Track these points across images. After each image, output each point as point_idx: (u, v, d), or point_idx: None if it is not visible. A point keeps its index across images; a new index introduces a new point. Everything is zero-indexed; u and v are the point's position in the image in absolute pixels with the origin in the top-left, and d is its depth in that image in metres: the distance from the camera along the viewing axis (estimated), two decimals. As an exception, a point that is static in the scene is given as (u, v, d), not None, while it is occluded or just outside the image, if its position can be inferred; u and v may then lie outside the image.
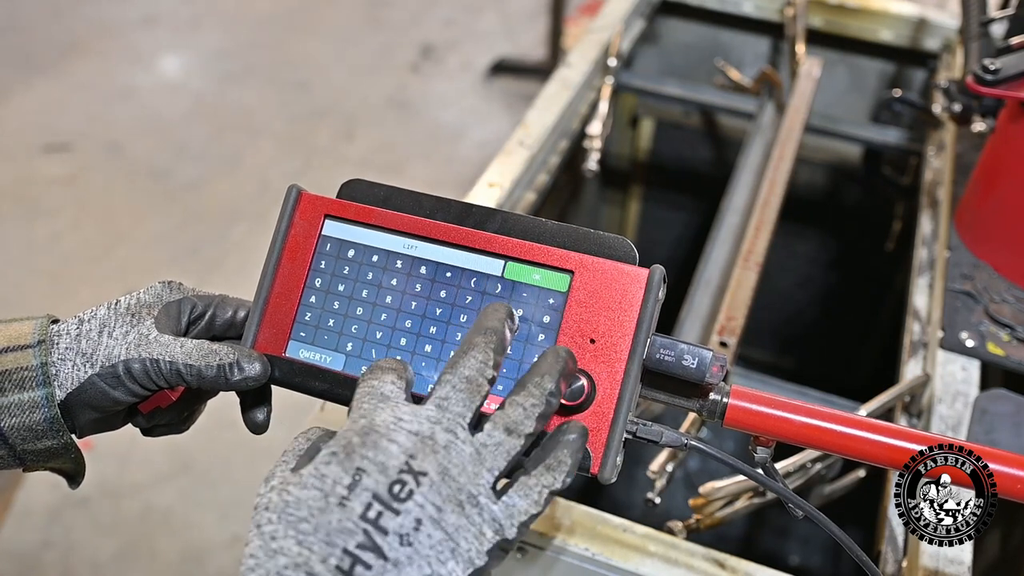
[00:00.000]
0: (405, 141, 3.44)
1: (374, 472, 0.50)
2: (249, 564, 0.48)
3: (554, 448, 0.55)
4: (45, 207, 3.04)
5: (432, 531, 0.49)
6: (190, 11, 4.05)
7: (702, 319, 1.26)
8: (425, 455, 0.51)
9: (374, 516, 0.48)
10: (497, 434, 0.53)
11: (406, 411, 0.53)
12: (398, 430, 0.51)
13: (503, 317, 0.56)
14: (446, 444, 0.51)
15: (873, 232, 1.85)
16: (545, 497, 0.53)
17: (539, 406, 0.53)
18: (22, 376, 0.62)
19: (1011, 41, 1.14)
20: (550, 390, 0.54)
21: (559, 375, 0.55)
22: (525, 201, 1.36)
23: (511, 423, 0.53)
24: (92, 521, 2.15)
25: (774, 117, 1.64)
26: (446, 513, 0.50)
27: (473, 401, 0.53)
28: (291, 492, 0.50)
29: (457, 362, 0.54)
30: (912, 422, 1.06)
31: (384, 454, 0.50)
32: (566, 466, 0.54)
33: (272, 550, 0.48)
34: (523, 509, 0.52)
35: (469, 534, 0.50)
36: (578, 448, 0.55)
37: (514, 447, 0.53)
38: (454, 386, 0.53)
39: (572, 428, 0.56)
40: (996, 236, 1.17)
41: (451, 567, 0.49)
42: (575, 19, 3.58)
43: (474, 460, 0.52)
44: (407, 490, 0.49)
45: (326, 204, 0.67)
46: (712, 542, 0.91)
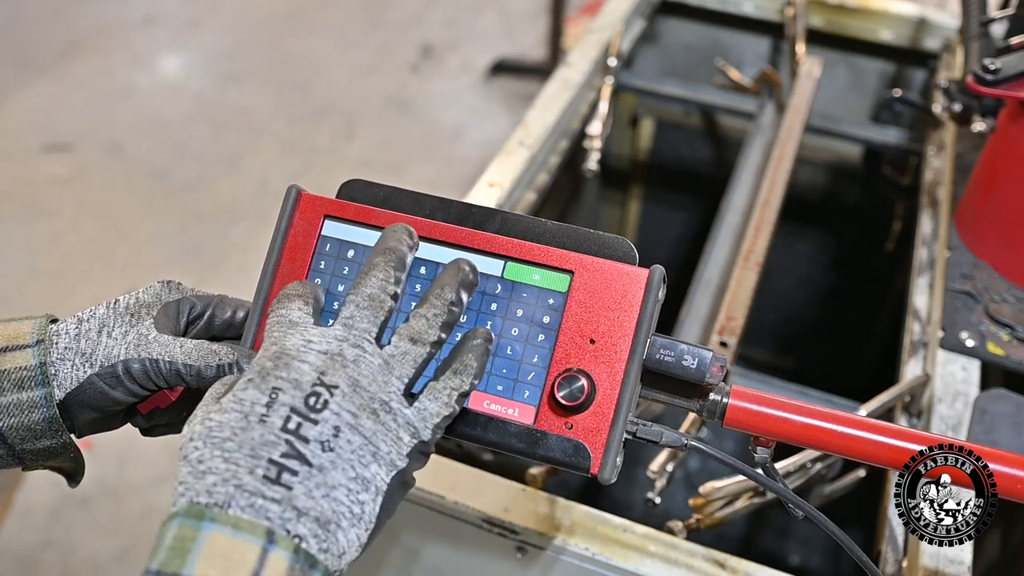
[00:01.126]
0: (405, 141, 3.44)
1: (289, 389, 0.52)
2: (179, 491, 0.50)
3: (460, 353, 0.57)
4: (45, 207, 3.03)
5: (351, 436, 0.52)
6: (190, 11, 4.05)
7: (702, 319, 1.26)
8: (335, 370, 0.53)
9: (294, 427, 0.51)
10: (403, 344, 0.56)
11: (315, 333, 0.55)
12: (308, 351, 0.54)
13: (402, 236, 0.59)
14: (355, 358, 0.54)
15: (873, 232, 1.85)
16: (455, 399, 0.56)
17: (441, 315, 0.56)
18: (21, 376, 0.62)
19: (1011, 41, 1.14)
20: (451, 300, 0.57)
21: (459, 285, 0.57)
22: (525, 201, 1.36)
23: (415, 333, 0.56)
24: (92, 521, 2.15)
25: (774, 117, 1.64)
26: (362, 419, 0.52)
27: (377, 317, 0.56)
28: (213, 418, 0.52)
29: (360, 283, 0.57)
30: (912, 422, 1.05)
31: (296, 372, 0.53)
32: (472, 369, 0.56)
33: (200, 472, 0.50)
34: (435, 411, 0.55)
35: (387, 438, 0.53)
36: (483, 352, 0.57)
37: (420, 355, 0.56)
38: (358, 305, 0.56)
39: (476, 334, 0.58)
40: (996, 236, 1.17)
41: (374, 470, 0.52)
42: (575, 19, 3.58)
43: (383, 370, 0.55)
44: (322, 400, 0.52)
45: (326, 204, 0.67)
46: (712, 542, 0.91)
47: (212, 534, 0.47)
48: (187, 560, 0.46)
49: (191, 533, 0.47)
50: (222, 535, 0.47)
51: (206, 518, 0.47)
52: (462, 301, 0.58)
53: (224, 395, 0.54)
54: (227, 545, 0.47)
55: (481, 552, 0.93)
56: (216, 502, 0.48)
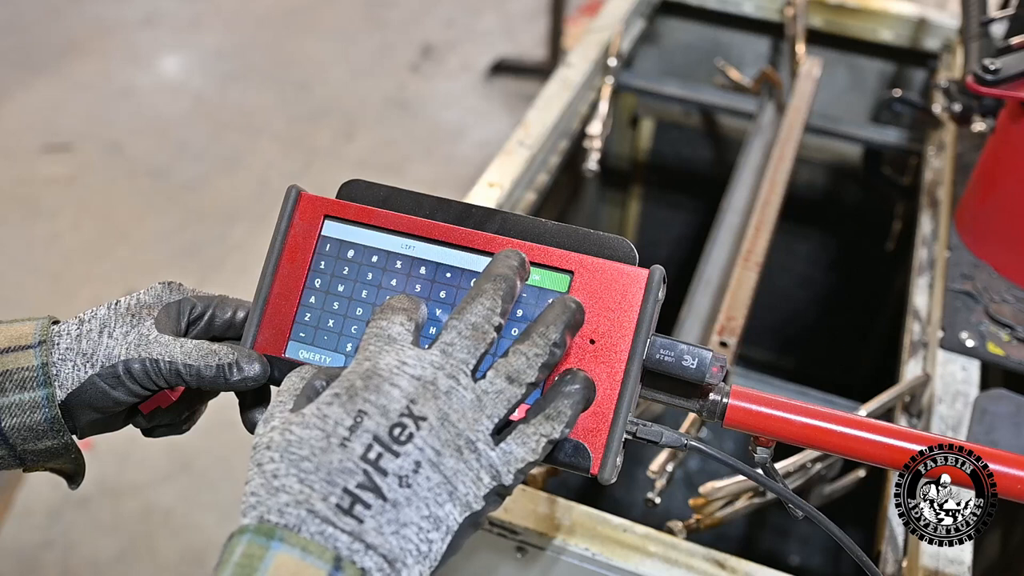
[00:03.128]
0: (405, 141, 3.44)
1: (375, 415, 0.50)
2: (251, 502, 0.49)
3: (555, 398, 0.55)
4: (45, 207, 3.04)
5: (430, 474, 0.50)
6: (190, 11, 4.05)
7: (702, 319, 1.26)
8: (426, 400, 0.51)
9: (374, 457, 0.49)
10: (499, 382, 0.53)
11: (411, 355, 0.53)
12: (401, 374, 0.52)
13: (514, 264, 0.56)
14: (447, 390, 0.52)
15: (873, 232, 1.85)
16: (543, 446, 0.53)
17: (542, 356, 0.54)
18: (23, 376, 0.62)
19: (1011, 41, 1.14)
20: (555, 340, 0.54)
21: (565, 325, 0.55)
22: (525, 201, 1.36)
23: (513, 371, 0.53)
24: (92, 521, 2.15)
25: (774, 117, 1.64)
26: (444, 457, 0.50)
27: (478, 348, 0.53)
28: (293, 432, 0.50)
29: (464, 308, 0.54)
30: (912, 422, 1.06)
31: (386, 397, 0.51)
32: (565, 417, 0.54)
33: (274, 488, 0.49)
34: (520, 456, 0.53)
35: (467, 478, 0.51)
36: (579, 400, 0.55)
37: (515, 396, 0.53)
38: (459, 332, 0.54)
39: (575, 379, 0.55)
40: (996, 236, 1.17)
41: (448, 509, 0.50)
42: (575, 19, 3.58)
43: (474, 407, 0.52)
44: (407, 433, 0.50)
45: (326, 204, 0.67)
46: (712, 542, 0.91)
47: (280, 555, 0.46)
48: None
49: (260, 551, 0.46)
50: (290, 556, 0.46)
51: (276, 537, 0.47)
52: (566, 343, 0.55)
53: (303, 400, 0.53)
54: (295, 567, 0.46)
55: (481, 552, 0.93)
56: (287, 523, 0.47)
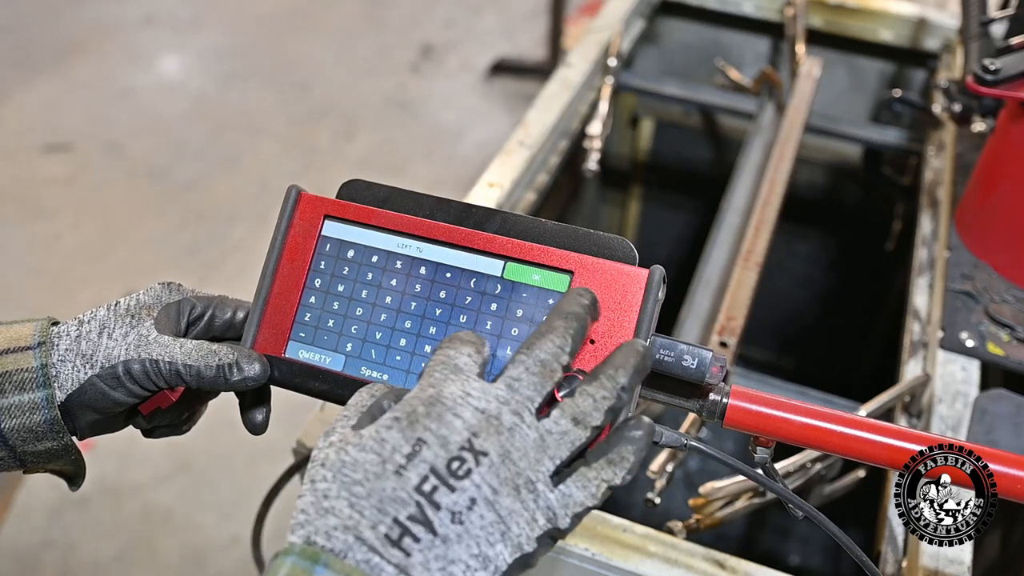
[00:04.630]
0: (405, 141, 3.44)
1: (435, 445, 0.49)
2: (299, 519, 0.48)
3: (618, 443, 0.53)
4: (45, 207, 3.04)
5: (485, 512, 0.49)
6: (190, 11, 4.05)
7: (702, 319, 1.26)
8: (488, 435, 0.50)
9: (429, 490, 0.48)
10: (564, 423, 0.52)
11: (476, 387, 0.52)
12: (465, 405, 0.51)
13: (586, 304, 0.56)
14: (511, 426, 0.51)
15: (873, 232, 1.85)
16: (603, 491, 0.52)
17: (610, 399, 0.52)
18: (22, 378, 0.62)
19: (1011, 41, 1.14)
20: (623, 385, 0.53)
21: (634, 370, 0.54)
22: (525, 201, 1.36)
23: (579, 413, 0.52)
24: (92, 521, 2.15)
25: (774, 117, 1.64)
26: (501, 496, 0.49)
27: (544, 386, 0.52)
28: (349, 452, 0.50)
29: (534, 343, 0.53)
30: (912, 422, 1.05)
31: (447, 428, 0.50)
32: (628, 463, 0.52)
33: (324, 508, 0.48)
34: (579, 501, 0.51)
35: (522, 519, 0.49)
36: (643, 447, 0.53)
37: (579, 438, 0.52)
38: (527, 368, 0.53)
39: (640, 425, 0.54)
40: (996, 236, 1.17)
41: (499, 549, 0.49)
42: (575, 19, 3.58)
43: (537, 446, 0.51)
44: (465, 468, 0.49)
45: (326, 204, 0.67)
46: (712, 542, 0.91)
47: None
48: None
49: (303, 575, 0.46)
50: None
51: (320, 562, 0.46)
52: (634, 388, 0.54)
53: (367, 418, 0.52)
54: None
55: (481, 552, 0.93)
56: (333, 548, 0.47)
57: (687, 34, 1.96)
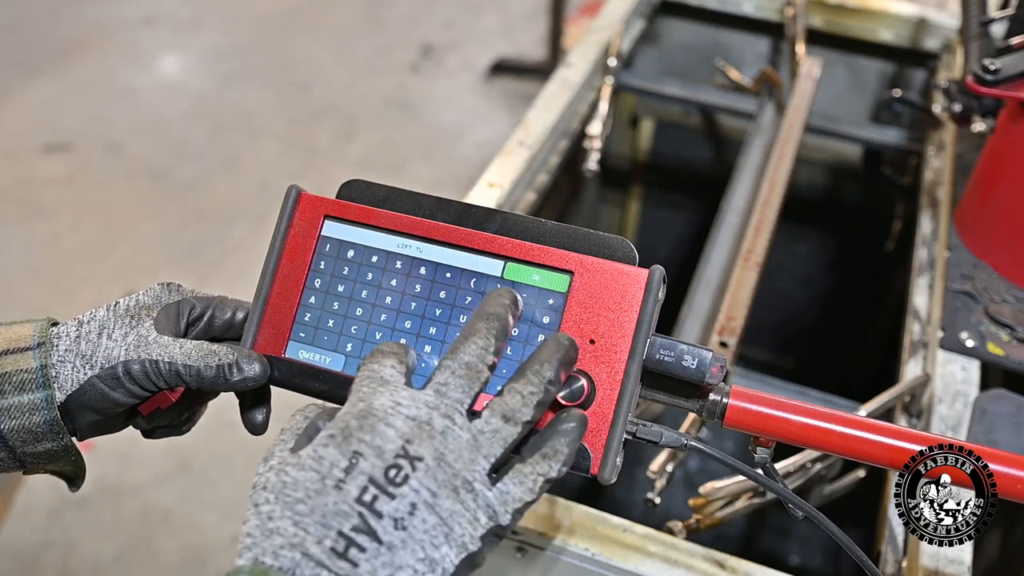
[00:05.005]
0: (405, 141, 3.44)
1: (371, 456, 0.50)
2: (246, 543, 0.49)
3: (551, 437, 0.55)
4: (45, 207, 3.04)
5: (427, 516, 0.49)
6: (190, 11, 4.05)
7: (702, 319, 1.26)
8: (422, 440, 0.51)
9: (369, 500, 0.49)
10: (494, 421, 0.53)
11: (404, 396, 0.53)
12: (396, 415, 0.52)
13: (506, 303, 0.56)
14: (443, 430, 0.52)
15: (873, 232, 1.85)
16: (540, 485, 0.53)
17: (537, 394, 0.54)
18: (22, 378, 0.62)
19: (1011, 41, 1.14)
20: (549, 378, 0.54)
21: (559, 363, 0.55)
22: (525, 201, 1.36)
23: (509, 411, 0.53)
24: (92, 521, 2.15)
25: (774, 117, 1.64)
26: (441, 498, 0.50)
27: (472, 387, 0.53)
28: (289, 473, 0.50)
29: (458, 348, 0.54)
30: (912, 422, 1.05)
31: (381, 438, 0.51)
32: (562, 456, 0.54)
33: (268, 530, 0.48)
34: (517, 496, 0.52)
35: (463, 519, 0.51)
36: (575, 438, 0.55)
37: (511, 435, 0.53)
38: (453, 372, 0.53)
39: (571, 417, 0.56)
40: (996, 236, 1.17)
41: (444, 551, 0.50)
42: (575, 19, 3.58)
43: (470, 447, 0.52)
44: (403, 475, 0.50)
45: (325, 204, 0.67)
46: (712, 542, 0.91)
47: None
48: None
49: None
50: None
51: None
52: (560, 380, 0.55)
53: (304, 440, 0.52)
54: None
55: (481, 552, 0.93)
56: (281, 566, 0.47)
57: (687, 34, 1.96)
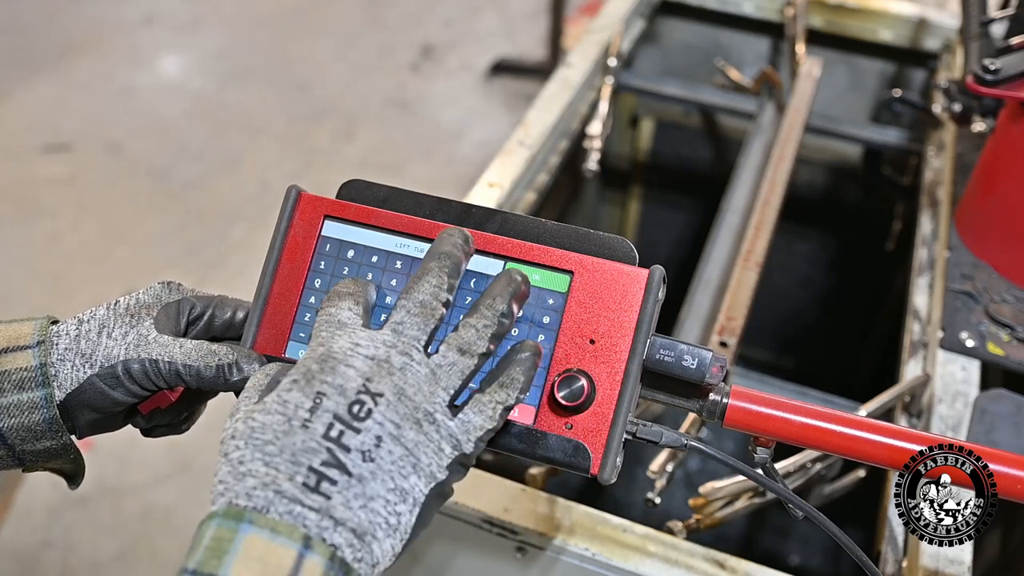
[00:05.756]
0: (405, 141, 3.44)
1: (333, 395, 0.52)
2: (219, 490, 0.50)
3: (508, 367, 0.57)
4: (45, 207, 3.03)
5: (392, 447, 0.51)
6: (190, 11, 4.05)
7: (702, 319, 1.26)
8: (381, 377, 0.53)
9: (336, 435, 0.50)
10: (451, 355, 0.55)
11: (363, 336, 0.55)
12: (355, 355, 0.53)
13: (458, 242, 0.58)
14: (401, 366, 0.54)
15: (873, 232, 1.85)
16: (500, 413, 0.55)
17: (491, 326, 0.56)
18: (21, 376, 0.62)
19: (1011, 41, 1.14)
20: (502, 311, 0.56)
21: (511, 296, 0.57)
22: (525, 201, 1.36)
23: (464, 343, 0.55)
24: (92, 521, 2.15)
25: (774, 117, 1.64)
26: (405, 430, 0.52)
27: (428, 324, 0.55)
28: (256, 419, 0.52)
29: (412, 287, 0.56)
30: (912, 422, 1.05)
31: (342, 378, 0.52)
32: (519, 383, 0.56)
33: (240, 473, 0.50)
34: (478, 424, 0.55)
35: (428, 449, 0.53)
36: (531, 366, 0.57)
37: (468, 366, 0.55)
38: (409, 311, 0.55)
39: (524, 347, 0.57)
40: (996, 236, 1.17)
41: (413, 481, 0.52)
42: (575, 19, 3.58)
43: (429, 380, 0.54)
44: (366, 409, 0.51)
45: (325, 204, 0.67)
46: (712, 542, 0.91)
47: (250, 536, 0.47)
48: (224, 561, 0.46)
49: (229, 534, 0.47)
50: (259, 538, 0.47)
51: (244, 520, 0.47)
52: (513, 313, 0.57)
53: (267, 392, 0.54)
54: (264, 548, 0.47)
55: (481, 552, 0.93)
56: (255, 506, 0.48)
57: (687, 34, 1.96)
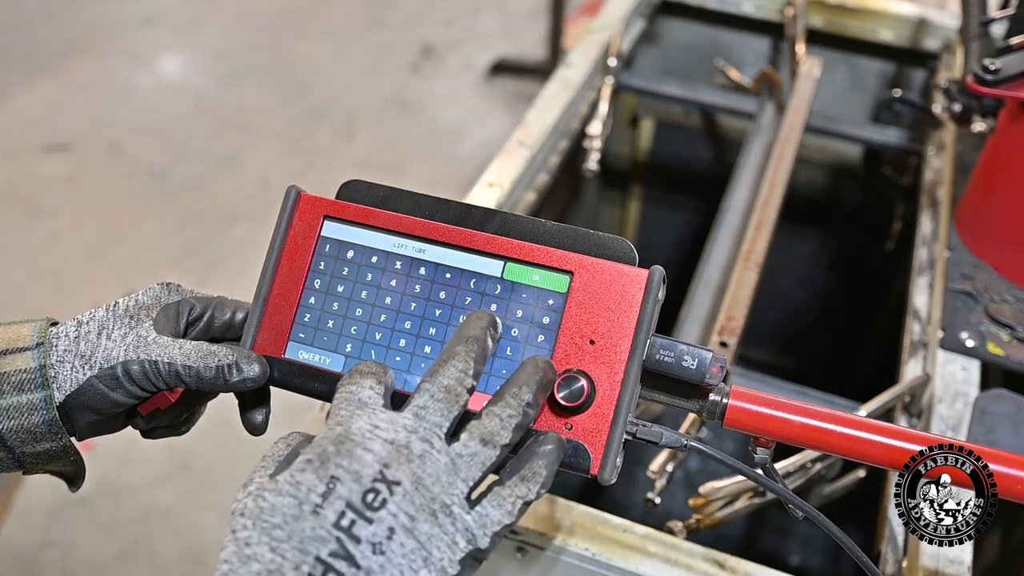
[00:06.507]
0: (405, 141, 3.44)
1: (348, 481, 0.50)
2: (223, 570, 0.48)
3: (529, 459, 0.55)
4: (45, 207, 3.04)
5: (405, 540, 0.49)
6: (190, 11, 4.05)
7: (702, 319, 1.26)
8: (399, 464, 0.51)
9: (347, 524, 0.49)
10: (472, 444, 0.53)
11: (383, 418, 0.53)
12: (373, 438, 0.51)
13: (485, 326, 0.56)
14: (421, 453, 0.52)
15: (873, 232, 1.85)
16: (519, 508, 0.53)
17: (515, 417, 0.54)
18: (20, 378, 0.62)
19: (1011, 41, 1.14)
20: (527, 401, 0.54)
21: (537, 386, 0.55)
22: (525, 201, 1.36)
23: (487, 434, 0.53)
24: (92, 521, 2.15)
25: (774, 117, 1.64)
26: (419, 522, 0.50)
27: (451, 411, 0.53)
28: (266, 499, 0.50)
29: (437, 371, 0.54)
30: (912, 422, 1.05)
31: (358, 463, 0.50)
32: (540, 477, 0.54)
33: (246, 556, 0.48)
34: (496, 519, 0.52)
35: (442, 543, 0.50)
36: (554, 460, 0.55)
37: (489, 458, 0.53)
38: (432, 395, 0.53)
39: (548, 439, 0.55)
40: (996, 236, 1.17)
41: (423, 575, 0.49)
42: (575, 19, 3.58)
43: (448, 470, 0.52)
44: (380, 499, 0.49)
45: (325, 205, 0.67)
46: (712, 542, 0.91)
47: None
48: None
49: None
50: None
51: None
52: (539, 403, 0.55)
53: (284, 467, 0.52)
54: None
55: (481, 552, 0.93)
56: None
57: (687, 34, 1.96)
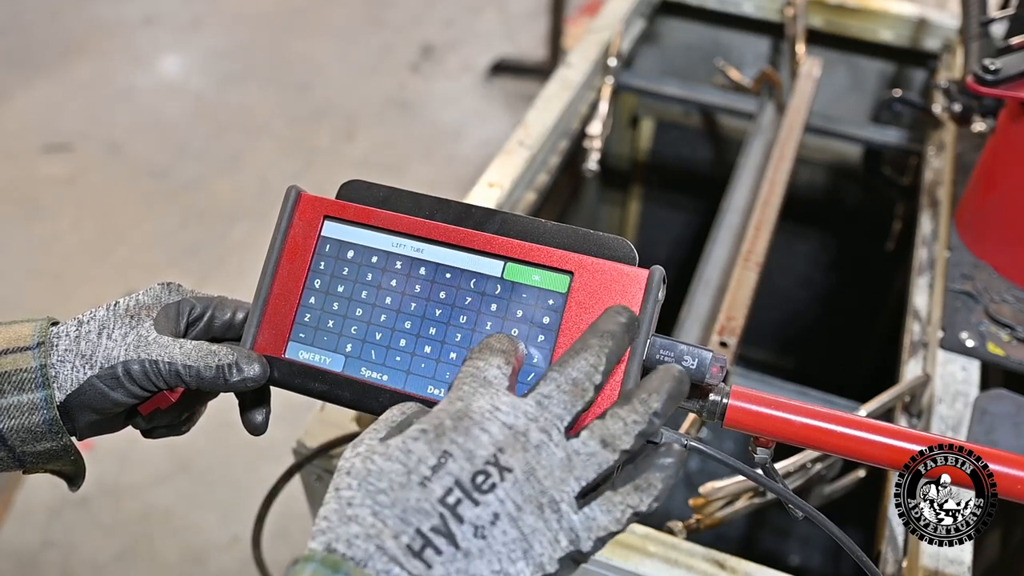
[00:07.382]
0: (405, 141, 3.44)
1: (460, 458, 0.49)
2: (321, 526, 0.48)
3: (647, 469, 0.53)
4: (45, 207, 3.04)
5: (508, 528, 0.48)
6: (190, 11, 4.05)
7: (702, 319, 1.26)
8: (515, 451, 0.50)
9: (453, 502, 0.48)
10: (592, 444, 0.51)
11: (505, 401, 0.51)
12: (492, 420, 0.50)
13: (622, 321, 0.55)
14: (538, 444, 0.50)
15: (873, 232, 1.85)
16: (628, 517, 0.51)
17: (641, 424, 0.52)
18: (21, 378, 0.62)
19: (1011, 41, 1.14)
20: (655, 410, 0.52)
21: (668, 396, 0.53)
22: (525, 201, 1.36)
23: (609, 436, 0.51)
24: (92, 521, 2.15)
25: (774, 117, 1.64)
26: (525, 513, 0.49)
27: (575, 404, 0.52)
28: (375, 461, 0.49)
29: (567, 361, 0.53)
30: (912, 422, 1.05)
31: (474, 442, 0.49)
32: (655, 490, 0.52)
33: (347, 516, 0.47)
34: (603, 525, 0.50)
35: (544, 538, 0.49)
36: (672, 474, 0.53)
37: (607, 460, 0.51)
38: (559, 385, 0.52)
39: (671, 452, 0.53)
40: (996, 236, 1.17)
41: (520, 567, 0.48)
42: (575, 19, 3.58)
43: (563, 466, 0.50)
44: (490, 483, 0.48)
45: (325, 205, 0.67)
46: (712, 542, 0.91)
47: None
48: None
49: None
50: None
51: (341, 570, 0.45)
52: (666, 414, 0.52)
53: (396, 432, 0.51)
54: None
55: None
56: (354, 556, 0.46)
57: (687, 34, 1.96)
